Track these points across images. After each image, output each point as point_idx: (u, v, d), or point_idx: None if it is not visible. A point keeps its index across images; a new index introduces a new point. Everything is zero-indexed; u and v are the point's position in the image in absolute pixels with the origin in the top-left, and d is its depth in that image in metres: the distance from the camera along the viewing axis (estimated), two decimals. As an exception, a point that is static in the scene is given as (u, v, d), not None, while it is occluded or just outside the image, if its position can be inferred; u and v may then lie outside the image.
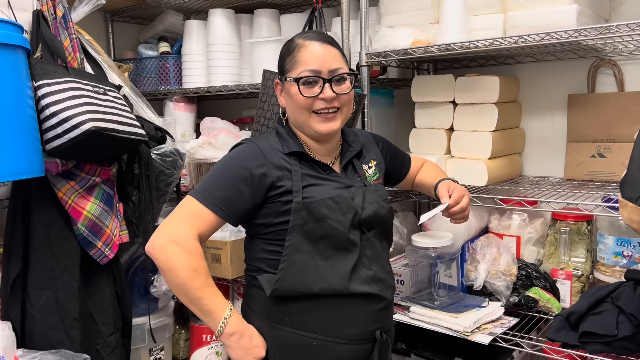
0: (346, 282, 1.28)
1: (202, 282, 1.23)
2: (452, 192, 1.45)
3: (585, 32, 1.43)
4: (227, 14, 2.31)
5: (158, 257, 1.23)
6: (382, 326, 1.35)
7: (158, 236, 1.24)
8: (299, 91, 1.28)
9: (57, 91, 1.44)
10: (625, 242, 1.61)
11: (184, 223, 1.25)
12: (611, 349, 1.34)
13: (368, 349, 1.33)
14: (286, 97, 1.35)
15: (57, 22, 1.57)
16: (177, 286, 1.23)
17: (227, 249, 2.04)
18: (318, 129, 1.31)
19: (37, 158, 1.41)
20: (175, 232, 1.24)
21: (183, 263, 1.21)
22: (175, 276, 1.22)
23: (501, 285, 1.67)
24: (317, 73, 1.28)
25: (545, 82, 1.99)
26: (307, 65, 1.28)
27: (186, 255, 1.22)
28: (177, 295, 1.26)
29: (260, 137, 1.38)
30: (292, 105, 1.33)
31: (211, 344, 2.31)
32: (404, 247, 2.00)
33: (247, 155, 1.31)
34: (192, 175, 2.30)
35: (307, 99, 1.29)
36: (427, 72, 2.21)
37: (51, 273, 1.58)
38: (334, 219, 1.27)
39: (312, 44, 1.30)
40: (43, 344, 1.55)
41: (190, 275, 1.21)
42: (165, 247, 1.22)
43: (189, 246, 1.23)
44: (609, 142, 1.82)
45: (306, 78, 1.28)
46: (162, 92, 2.50)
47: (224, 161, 1.33)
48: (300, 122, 1.33)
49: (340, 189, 1.32)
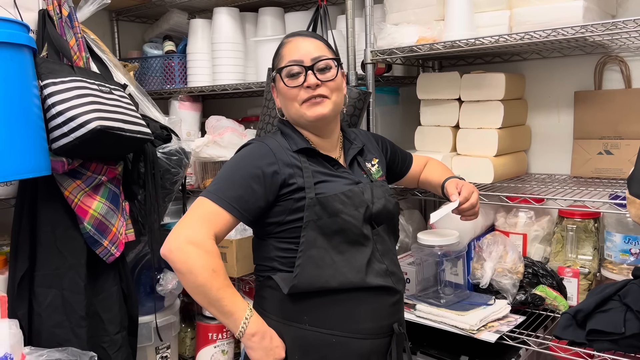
0: (363, 275, 1.29)
1: (222, 282, 1.22)
2: (460, 189, 1.45)
3: (592, 28, 1.42)
4: (232, 13, 2.31)
5: (175, 259, 1.21)
6: (397, 319, 1.36)
7: (173, 238, 1.23)
8: (284, 83, 1.32)
9: (63, 90, 1.45)
10: (632, 240, 1.60)
11: (199, 224, 1.24)
12: (619, 346, 1.34)
13: (386, 343, 1.34)
14: (278, 95, 1.38)
15: (62, 21, 1.57)
16: (196, 287, 1.21)
17: (233, 248, 2.04)
18: (306, 114, 1.32)
19: (43, 157, 1.41)
20: (191, 233, 1.22)
21: (202, 263, 1.20)
22: (195, 277, 1.20)
23: (508, 283, 1.66)
24: (299, 62, 1.31)
25: (551, 78, 1.98)
26: (290, 57, 1.32)
27: (204, 255, 1.21)
28: (195, 298, 1.23)
29: (267, 137, 1.38)
30: (283, 100, 1.36)
31: (217, 343, 2.31)
32: (409, 245, 2.00)
33: (258, 154, 1.31)
34: (198, 173, 2.30)
35: (291, 89, 1.31)
36: (432, 69, 2.20)
37: (58, 272, 1.58)
38: (347, 213, 1.28)
39: (295, 39, 1.36)
40: (50, 342, 1.55)
41: (210, 276, 1.20)
42: (183, 248, 1.21)
43: (207, 246, 1.22)
44: (616, 139, 1.81)
45: (288, 69, 1.31)
46: (168, 91, 2.50)
47: (234, 161, 1.33)
48: (292, 114, 1.35)
49: (350, 184, 1.33)
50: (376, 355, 1.32)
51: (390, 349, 1.35)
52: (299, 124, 1.37)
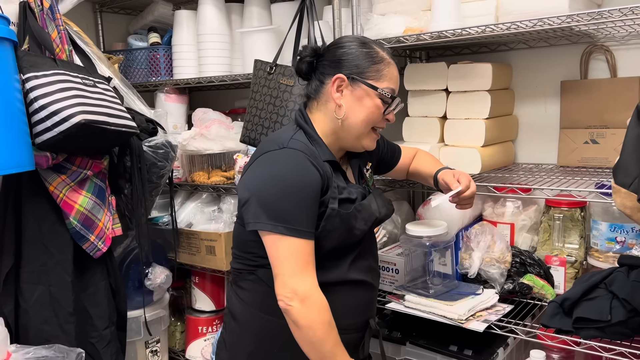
0: (345, 270, 1.31)
1: (335, 337, 1.22)
2: (459, 178, 1.46)
3: (578, 18, 1.43)
4: (217, 3, 2.28)
5: (295, 315, 1.19)
6: (372, 315, 1.40)
7: (284, 292, 1.20)
8: (381, 106, 1.28)
9: (46, 84, 1.42)
10: (618, 228, 1.61)
11: (303, 270, 1.20)
12: (605, 334, 1.35)
13: (359, 337, 1.37)
14: (352, 100, 1.28)
15: (44, 13, 1.54)
16: (312, 343, 1.20)
17: (222, 241, 2.04)
18: (367, 145, 1.33)
19: (26, 152, 1.39)
20: (299, 284, 1.19)
21: (321, 319, 1.19)
22: (314, 332, 1.19)
23: (495, 273, 1.67)
24: (397, 96, 1.31)
25: (538, 68, 1.99)
26: (392, 85, 1.30)
27: (320, 309, 1.20)
28: (306, 351, 1.21)
29: (295, 140, 1.27)
30: (359, 114, 1.28)
31: (207, 336, 2.31)
32: (398, 236, 2.00)
33: (306, 166, 1.23)
34: (185, 167, 2.29)
35: (379, 116, 1.29)
36: (419, 60, 2.19)
37: (44, 267, 1.57)
38: (358, 229, 1.30)
39: (394, 66, 1.32)
40: (38, 339, 1.54)
41: (327, 330, 1.20)
42: (300, 304, 1.18)
43: (319, 298, 1.21)
44: (602, 128, 1.82)
45: (392, 96, 1.29)
46: (153, 83, 2.47)
47: (282, 178, 1.21)
48: (355, 132, 1.29)
49: (359, 199, 1.33)
50: (349, 348, 1.33)
51: (362, 342, 1.38)
52: (342, 133, 1.30)
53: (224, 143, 2.18)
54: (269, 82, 1.83)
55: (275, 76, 1.82)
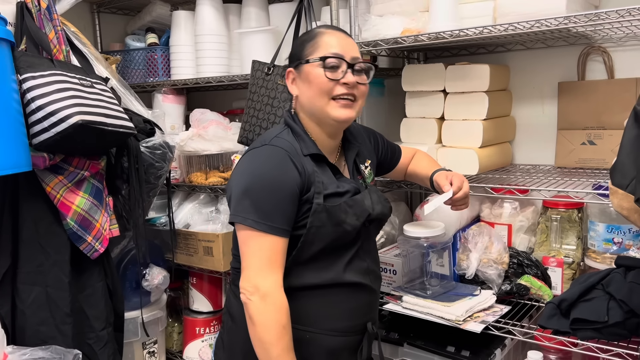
0: (341, 271, 1.30)
1: (287, 342, 1.20)
2: (451, 179, 1.46)
3: (575, 19, 1.43)
4: (215, 4, 2.28)
5: (253, 310, 1.20)
6: (371, 318, 1.38)
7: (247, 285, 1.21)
8: (323, 73, 1.26)
9: (43, 84, 1.42)
10: (615, 229, 1.62)
11: (269, 268, 1.21)
12: (602, 335, 1.35)
13: (358, 340, 1.36)
14: (302, 83, 1.30)
15: (41, 13, 1.54)
16: (263, 343, 1.19)
17: (219, 242, 2.03)
18: (335, 115, 1.27)
19: (23, 152, 1.38)
20: (261, 281, 1.20)
21: (276, 319, 1.19)
22: (267, 331, 1.19)
23: (493, 274, 1.67)
24: (341, 56, 1.27)
25: (535, 69, 1.99)
26: (331, 49, 1.28)
27: (276, 309, 1.19)
28: (256, 349, 1.21)
29: (278, 138, 1.29)
30: (310, 90, 1.29)
31: (205, 337, 2.31)
32: (395, 237, 2.00)
33: (282, 163, 1.24)
34: (182, 167, 2.28)
35: (329, 82, 1.26)
36: (417, 61, 2.20)
37: (41, 268, 1.56)
38: (348, 223, 1.28)
39: (334, 32, 1.32)
40: (34, 340, 1.53)
41: (280, 333, 1.19)
42: (260, 300, 1.19)
43: (280, 299, 1.21)
44: (599, 130, 1.82)
45: (330, 60, 1.26)
46: (151, 84, 2.47)
47: (259, 173, 1.24)
48: (317, 108, 1.29)
49: (351, 194, 1.32)
50: (347, 351, 1.33)
51: (361, 346, 1.36)
52: (316, 119, 1.31)
53: (222, 144, 2.17)
54: (267, 82, 1.83)
55: (273, 77, 1.83)
